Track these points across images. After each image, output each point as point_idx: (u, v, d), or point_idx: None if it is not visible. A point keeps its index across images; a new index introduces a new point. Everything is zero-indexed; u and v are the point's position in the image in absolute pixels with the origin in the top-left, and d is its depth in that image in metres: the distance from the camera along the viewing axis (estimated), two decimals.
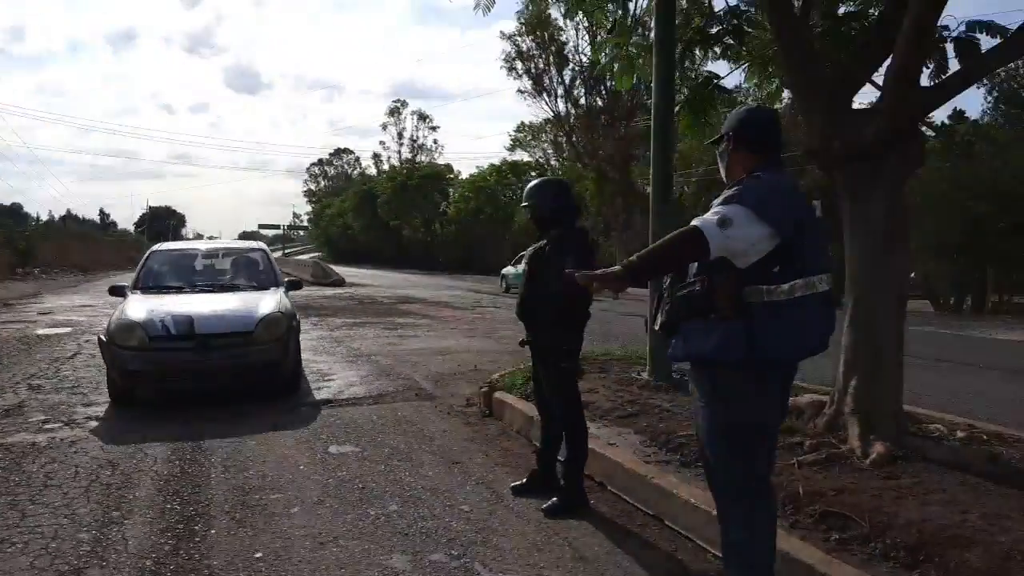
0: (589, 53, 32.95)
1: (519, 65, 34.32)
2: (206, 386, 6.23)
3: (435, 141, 72.54)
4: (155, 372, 6.06)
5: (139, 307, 6.43)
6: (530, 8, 33.11)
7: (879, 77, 4.22)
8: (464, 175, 58.99)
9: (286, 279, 7.97)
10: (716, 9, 6.98)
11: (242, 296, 7.03)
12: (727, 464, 2.50)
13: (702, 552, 3.35)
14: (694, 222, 2.32)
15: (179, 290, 7.22)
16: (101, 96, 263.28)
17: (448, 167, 60.99)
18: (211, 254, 8.34)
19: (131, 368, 6.02)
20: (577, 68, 33.84)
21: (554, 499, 3.90)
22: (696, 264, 2.47)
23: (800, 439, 4.26)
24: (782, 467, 3.87)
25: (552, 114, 35.50)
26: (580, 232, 3.96)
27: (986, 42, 3.99)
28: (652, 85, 6.13)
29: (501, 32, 59.50)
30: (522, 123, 51.42)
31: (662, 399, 5.50)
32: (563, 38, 33.39)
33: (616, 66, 7.74)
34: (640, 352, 7.68)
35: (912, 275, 23.90)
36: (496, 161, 51.38)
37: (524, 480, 4.23)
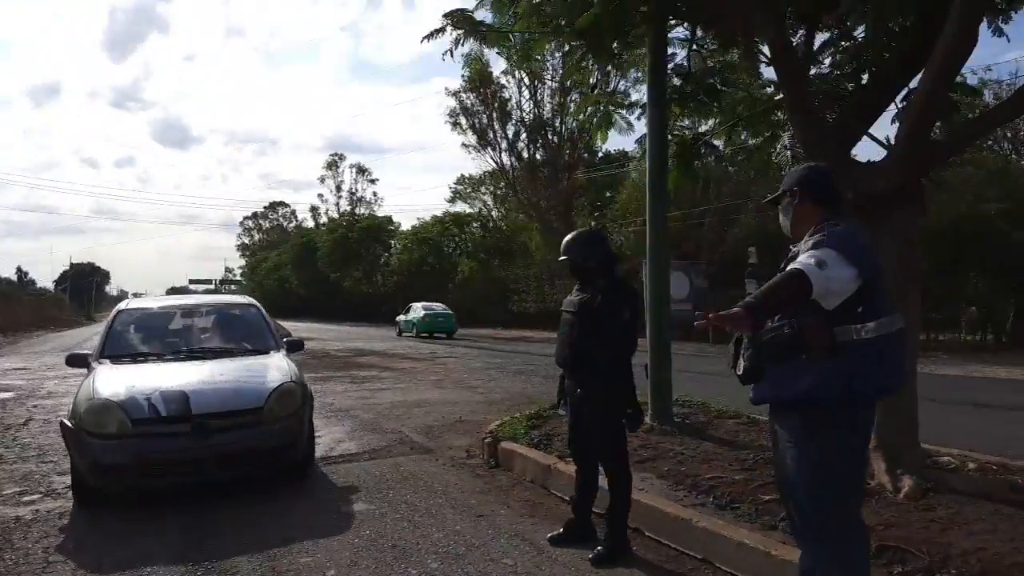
0: (530, 108, 34.05)
1: (463, 120, 34.92)
2: (205, 479, 4.94)
3: (374, 194, 72.53)
4: (139, 465, 4.72)
5: (113, 382, 5.09)
6: (469, 67, 34.02)
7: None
8: (405, 227, 59.10)
9: (283, 339, 6.88)
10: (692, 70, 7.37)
11: (241, 363, 5.81)
12: (824, 503, 2.54)
13: None
14: (795, 266, 2.41)
15: (159, 358, 5.83)
16: (20, 150, 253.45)
17: (388, 219, 60.90)
18: (192, 311, 6.84)
19: (107, 462, 4.68)
20: (520, 123, 34.66)
21: (599, 548, 3.87)
22: None
23: None
24: None
25: (496, 166, 36.12)
26: (624, 282, 4.00)
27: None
28: (647, 141, 6.34)
29: (446, 88, 60.57)
30: (462, 175, 52.17)
31: (672, 443, 5.54)
32: (506, 95, 34.22)
33: (595, 121, 8.05)
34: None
35: None
36: (437, 212, 51.71)
37: (561, 531, 4.18)
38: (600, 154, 44.42)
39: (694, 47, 6.76)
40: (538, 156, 35.19)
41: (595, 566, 3.76)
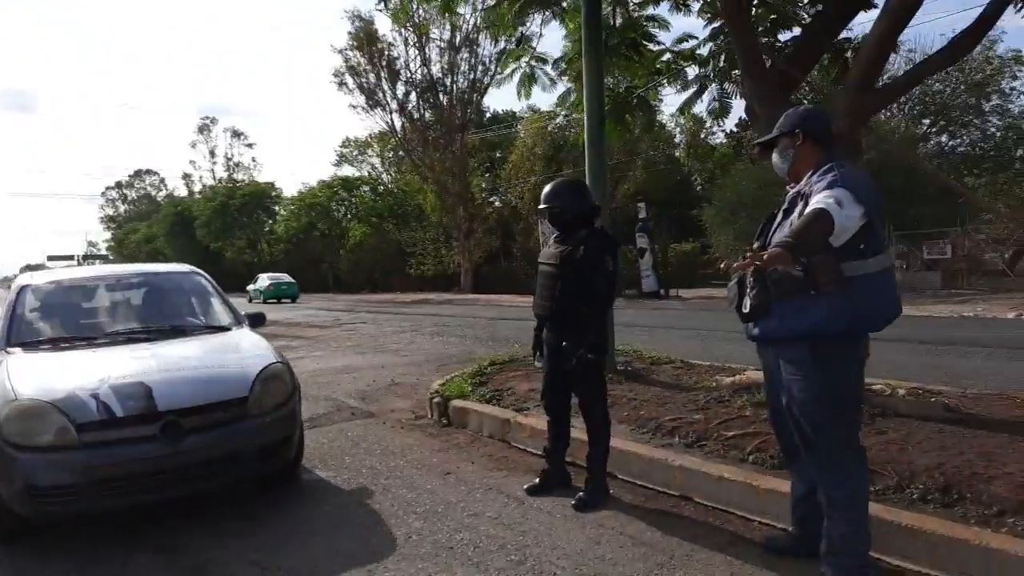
0: (417, 68, 33.26)
1: (350, 80, 33.65)
2: (180, 494, 3.86)
3: (253, 159, 69.22)
4: (92, 484, 3.56)
5: (39, 376, 3.96)
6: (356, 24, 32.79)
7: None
8: (290, 193, 56.75)
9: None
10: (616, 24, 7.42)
11: (205, 343, 4.71)
12: (830, 429, 2.69)
13: (749, 522, 3.53)
14: (817, 205, 2.48)
15: (91, 343, 4.58)
16: None
17: (271, 185, 58.20)
18: (119, 283, 5.45)
19: (47, 482, 3.55)
20: (409, 83, 33.81)
21: (580, 494, 3.94)
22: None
23: None
24: None
25: (387, 127, 35.17)
26: (605, 232, 3.99)
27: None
28: (584, 94, 6.33)
29: (331, 45, 57.85)
30: (347, 138, 50.60)
31: (622, 390, 5.68)
32: (394, 53, 33.22)
33: (519, 77, 7.97)
34: None
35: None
36: (324, 177, 49.96)
37: (537, 481, 4.22)
38: (488, 114, 44.29)
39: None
40: (427, 116, 34.56)
41: (579, 511, 3.82)
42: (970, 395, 5.08)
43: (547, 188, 4.08)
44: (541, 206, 4.09)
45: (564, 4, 6.52)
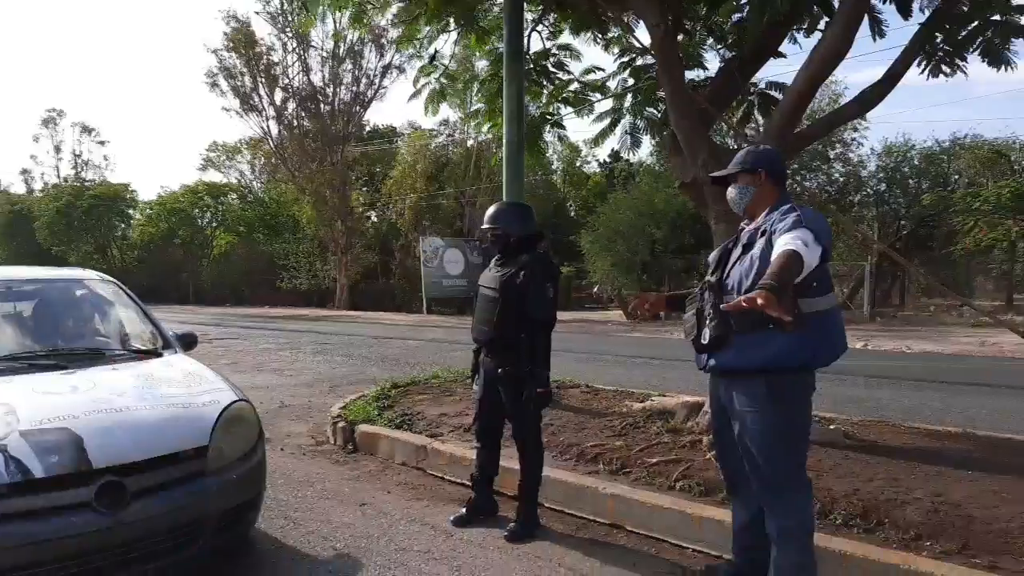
0: (297, 75, 32.19)
1: (223, 82, 31.97)
2: None
3: (105, 157, 63.94)
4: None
5: None
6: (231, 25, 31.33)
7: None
8: (148, 196, 52.97)
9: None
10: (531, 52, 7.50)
11: (137, 371, 3.69)
12: (782, 461, 2.76)
13: (683, 550, 3.58)
14: (788, 247, 2.54)
15: None
16: None
17: (125, 187, 54.01)
18: (12, 291, 4.30)
19: None
20: (287, 90, 32.62)
21: (512, 525, 3.85)
22: (751, 278, 2.72)
23: (694, 438, 4.75)
24: (699, 462, 4.31)
25: (262, 133, 33.68)
26: (548, 257, 3.92)
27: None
28: (504, 118, 6.30)
29: (205, 45, 54.85)
30: (215, 142, 48.03)
31: None
32: (274, 58, 31.96)
33: (426, 94, 7.87)
34: (468, 372, 7.78)
35: (609, 288, 27.48)
36: (187, 182, 47.02)
37: (464, 512, 4.09)
38: (368, 128, 43.55)
39: (542, 28, 6.87)
40: (306, 125, 33.45)
41: (512, 542, 3.73)
42: (856, 422, 5.47)
43: (491, 209, 4.01)
44: (483, 227, 4.00)
45: (483, 24, 6.50)
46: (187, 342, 4.48)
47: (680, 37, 5.08)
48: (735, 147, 4.97)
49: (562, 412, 5.78)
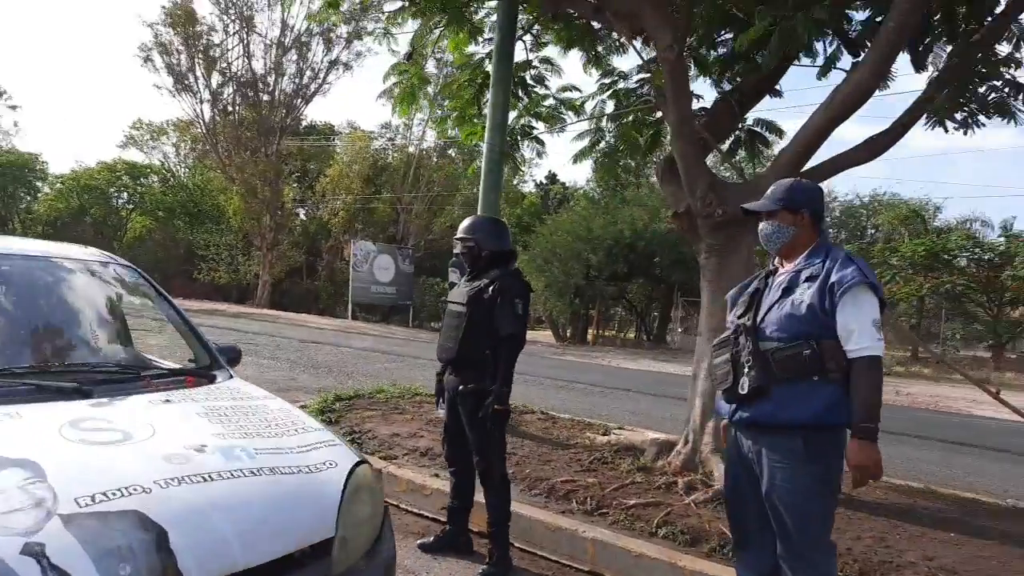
0: (239, 60, 30.96)
1: (158, 58, 30.37)
2: None
3: (15, 123, 59.96)
4: None
5: None
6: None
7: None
8: (61, 169, 49.76)
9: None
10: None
11: (203, 407, 2.45)
12: (814, 522, 2.56)
13: None
14: (866, 352, 2.43)
15: None
16: None
17: (34, 157, 50.63)
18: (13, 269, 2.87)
19: None
20: (225, 74, 31.30)
21: (484, 567, 3.52)
22: (796, 324, 2.52)
23: (666, 480, 4.54)
24: (679, 507, 4.10)
25: (194, 116, 32.16)
26: (519, 274, 3.69)
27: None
28: (487, 123, 6.01)
29: (140, 17, 52.20)
30: (139, 120, 45.63)
31: None
32: (215, 39, 30.63)
33: (397, 91, 7.52)
34: (416, 388, 7.41)
35: (541, 309, 27.45)
36: (106, 159, 44.36)
37: (431, 539, 3.77)
38: (305, 123, 42.38)
39: (528, 37, 6.64)
40: (242, 113, 32.15)
41: None
42: None
43: (466, 222, 3.82)
44: (457, 238, 3.78)
45: (479, 17, 6.20)
46: (231, 357, 3.20)
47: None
48: (734, 179, 4.82)
49: (522, 441, 5.48)
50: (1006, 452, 8.32)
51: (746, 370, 2.60)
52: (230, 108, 31.86)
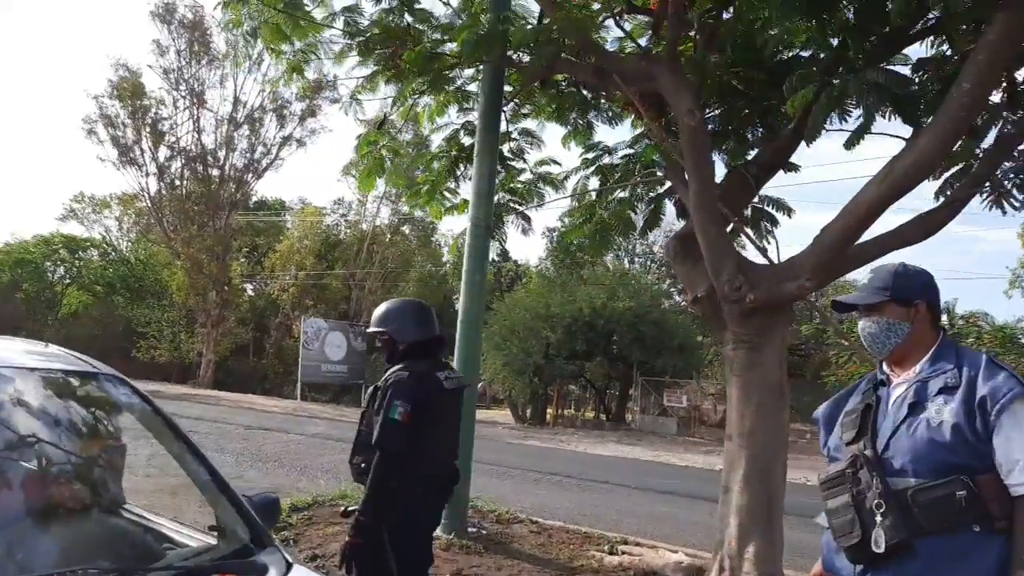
0: (188, 136, 30.28)
1: (103, 131, 29.45)
2: None
3: None
4: None
5: None
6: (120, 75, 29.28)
7: None
8: None
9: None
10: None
11: None
12: None
13: None
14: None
15: None
16: None
17: None
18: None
19: None
20: (173, 148, 30.51)
21: None
22: (939, 453, 1.91)
23: None
24: None
25: (139, 190, 31.07)
26: (421, 375, 2.94)
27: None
28: (472, 194, 5.46)
29: (85, 91, 51.68)
30: (81, 192, 44.32)
31: (489, 566, 4.52)
32: (164, 113, 29.97)
33: (364, 164, 6.95)
34: None
35: (500, 388, 26.65)
36: (43, 232, 42.52)
37: None
38: (255, 198, 41.60)
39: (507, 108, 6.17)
40: (189, 187, 31.22)
41: None
42: None
43: (378, 310, 3.21)
44: (369, 330, 3.24)
45: (459, 83, 5.70)
46: (269, 512, 2.20)
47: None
48: (765, 261, 4.30)
49: (518, 563, 4.68)
50: None
51: (878, 519, 1.95)
52: (177, 182, 30.92)
